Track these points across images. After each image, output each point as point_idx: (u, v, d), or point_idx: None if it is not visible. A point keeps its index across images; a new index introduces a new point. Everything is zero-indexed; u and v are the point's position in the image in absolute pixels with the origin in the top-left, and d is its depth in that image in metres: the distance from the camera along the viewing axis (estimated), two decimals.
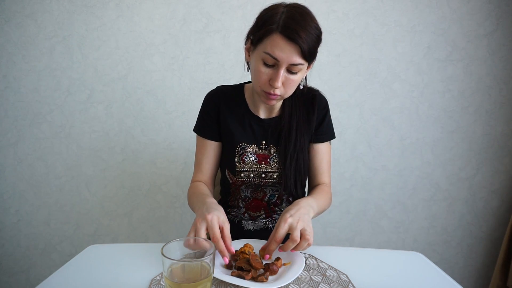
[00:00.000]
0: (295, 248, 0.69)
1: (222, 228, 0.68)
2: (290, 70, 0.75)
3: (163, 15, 1.43)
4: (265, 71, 0.76)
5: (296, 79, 0.77)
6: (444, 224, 1.65)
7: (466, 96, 1.53)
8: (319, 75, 1.50)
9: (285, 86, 0.77)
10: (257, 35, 0.76)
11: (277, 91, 0.77)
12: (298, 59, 0.73)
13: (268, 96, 0.79)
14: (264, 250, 0.77)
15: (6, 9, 1.39)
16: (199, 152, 0.94)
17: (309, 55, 0.74)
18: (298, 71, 0.76)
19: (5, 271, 1.61)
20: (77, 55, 1.45)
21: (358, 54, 1.49)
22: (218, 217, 0.68)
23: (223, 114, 0.91)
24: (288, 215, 0.70)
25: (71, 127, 1.51)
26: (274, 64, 0.75)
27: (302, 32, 0.70)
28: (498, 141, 1.57)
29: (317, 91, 0.94)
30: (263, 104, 0.91)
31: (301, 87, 0.90)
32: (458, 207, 1.63)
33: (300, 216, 0.70)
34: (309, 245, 0.68)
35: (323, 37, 1.49)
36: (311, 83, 0.96)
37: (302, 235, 0.67)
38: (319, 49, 0.78)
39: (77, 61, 1.46)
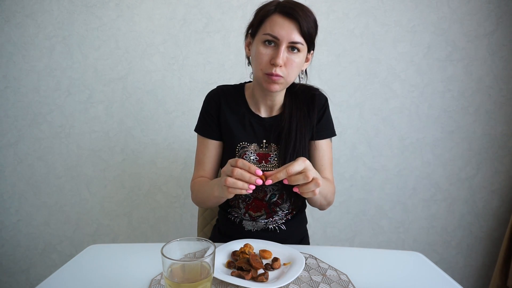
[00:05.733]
0: (302, 187, 0.66)
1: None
2: (291, 49, 0.78)
3: (163, 15, 1.43)
4: (266, 51, 0.78)
5: (297, 61, 0.79)
6: (444, 224, 1.65)
7: (466, 96, 1.53)
8: (319, 75, 1.50)
9: (286, 67, 0.79)
10: (256, 21, 0.81)
11: (279, 71, 0.78)
12: (297, 37, 0.76)
13: (270, 78, 0.79)
14: (265, 251, 0.77)
15: (6, 9, 1.39)
16: (200, 152, 0.95)
17: (308, 35, 0.77)
18: (299, 51, 0.78)
19: (5, 271, 1.61)
20: (77, 55, 1.45)
21: (358, 54, 1.49)
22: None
23: (223, 113, 0.92)
24: (308, 161, 0.67)
25: (71, 127, 1.51)
26: (274, 44, 0.78)
27: (299, 10, 0.75)
28: (498, 141, 1.57)
29: (317, 89, 0.94)
30: (264, 103, 0.91)
31: (301, 79, 0.92)
32: (458, 207, 1.63)
33: (316, 172, 0.68)
34: (314, 193, 0.66)
35: (323, 37, 1.49)
36: (311, 83, 0.97)
37: (313, 179, 0.65)
38: (319, 49, 0.78)
39: (77, 61, 1.46)
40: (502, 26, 1.47)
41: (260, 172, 0.64)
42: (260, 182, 0.64)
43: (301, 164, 0.65)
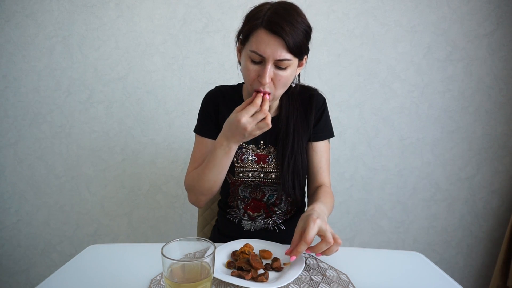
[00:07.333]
0: (325, 251, 0.67)
1: None
2: (278, 65, 0.74)
3: (163, 15, 1.43)
4: (253, 68, 0.75)
5: (286, 76, 0.75)
6: (444, 224, 1.65)
7: (466, 96, 1.53)
8: (319, 75, 1.50)
9: (274, 82, 0.75)
10: (244, 33, 0.76)
11: (267, 88, 0.75)
12: (284, 54, 0.72)
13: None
14: (265, 251, 0.77)
15: (6, 9, 1.39)
16: (198, 150, 0.94)
17: (296, 50, 0.73)
18: (286, 66, 0.74)
19: (5, 271, 1.61)
20: (77, 55, 1.45)
21: (358, 54, 1.49)
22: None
23: (222, 114, 0.92)
24: (315, 215, 0.67)
25: (71, 127, 1.51)
26: (261, 61, 0.74)
27: (286, 26, 0.70)
28: (498, 141, 1.57)
29: (315, 90, 0.94)
30: None
31: (293, 85, 0.89)
32: (458, 207, 1.63)
33: (325, 219, 0.69)
34: (337, 250, 0.68)
35: (323, 37, 1.49)
36: (311, 83, 0.96)
37: (334, 239, 0.67)
38: (319, 49, 0.77)
39: (77, 61, 1.46)
40: (502, 26, 1.47)
41: (260, 97, 0.73)
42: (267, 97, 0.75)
43: (314, 227, 0.65)
